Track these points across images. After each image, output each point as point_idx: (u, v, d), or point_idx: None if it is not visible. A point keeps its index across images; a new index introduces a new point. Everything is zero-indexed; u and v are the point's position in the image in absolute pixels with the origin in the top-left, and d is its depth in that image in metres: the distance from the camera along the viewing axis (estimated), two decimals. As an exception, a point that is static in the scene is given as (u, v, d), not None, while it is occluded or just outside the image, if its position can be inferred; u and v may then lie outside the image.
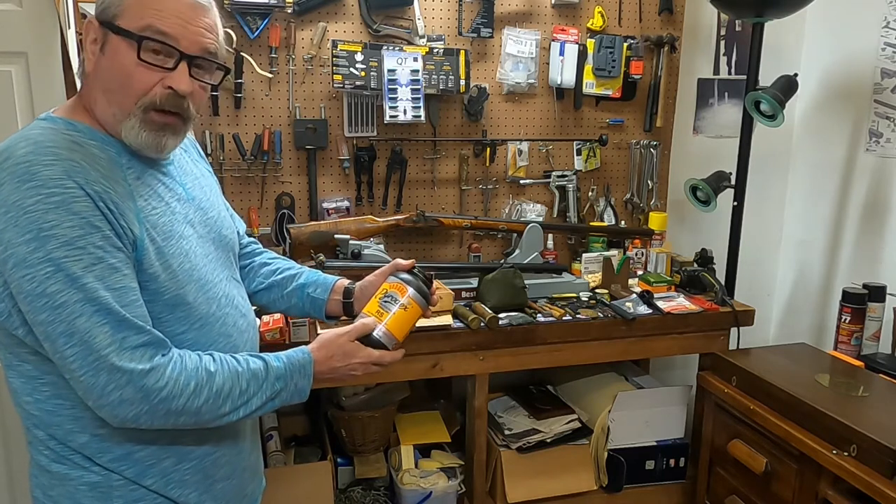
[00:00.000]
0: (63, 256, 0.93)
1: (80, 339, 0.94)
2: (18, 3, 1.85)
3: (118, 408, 0.97)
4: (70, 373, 0.96)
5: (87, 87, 1.06)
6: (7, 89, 1.88)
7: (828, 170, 2.56)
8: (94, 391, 0.96)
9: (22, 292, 0.94)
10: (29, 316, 0.96)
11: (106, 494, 1.06)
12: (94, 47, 1.03)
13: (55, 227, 0.93)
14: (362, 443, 2.19)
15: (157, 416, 1.00)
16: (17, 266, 0.93)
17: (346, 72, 2.14)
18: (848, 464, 1.56)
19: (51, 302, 0.93)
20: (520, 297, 2.07)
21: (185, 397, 1.00)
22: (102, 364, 0.95)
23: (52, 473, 1.07)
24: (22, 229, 0.92)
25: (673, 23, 2.46)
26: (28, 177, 0.93)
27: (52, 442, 1.05)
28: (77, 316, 0.94)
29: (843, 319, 2.13)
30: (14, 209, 0.92)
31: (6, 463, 2.10)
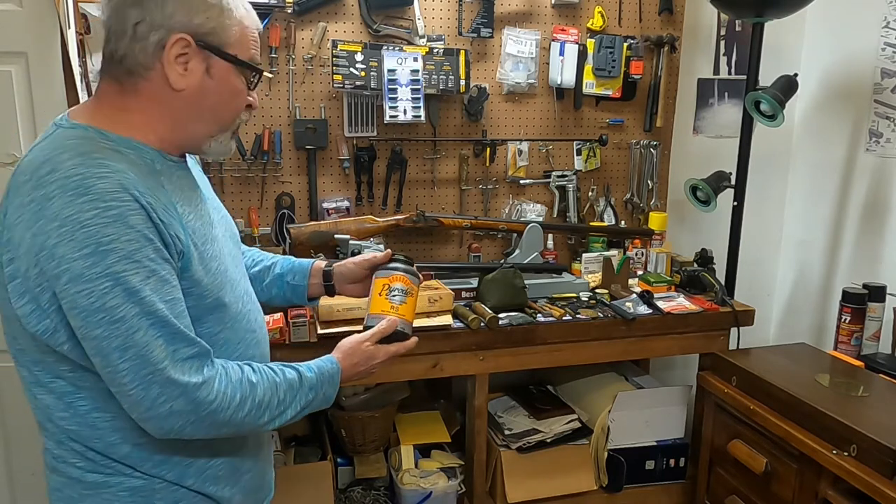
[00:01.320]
0: (122, 270, 0.92)
1: (136, 353, 0.94)
2: (18, 3, 1.85)
3: (166, 420, 0.97)
4: (119, 386, 0.95)
5: (156, 102, 1.03)
6: (7, 89, 1.88)
7: (828, 170, 2.56)
8: (143, 404, 0.96)
9: (76, 307, 0.92)
10: (81, 331, 0.94)
11: (147, 498, 1.06)
12: (193, 66, 1.03)
13: (114, 241, 0.92)
14: (362, 443, 2.19)
15: (202, 428, 1.00)
16: (72, 281, 0.91)
17: (346, 72, 2.14)
18: (848, 464, 1.56)
19: (108, 317, 0.92)
20: (520, 297, 2.07)
21: (231, 409, 1.02)
22: (156, 378, 0.95)
23: (86, 483, 1.05)
24: (79, 244, 0.91)
25: (673, 23, 2.46)
26: (83, 190, 0.91)
27: (92, 453, 1.04)
28: (135, 330, 0.93)
29: (843, 319, 2.13)
30: (69, 223, 0.90)
31: (6, 463, 2.10)
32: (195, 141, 1.09)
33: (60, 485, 1.07)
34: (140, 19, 0.98)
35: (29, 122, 1.90)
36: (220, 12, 1.03)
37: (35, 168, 0.94)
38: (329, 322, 1.82)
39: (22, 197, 0.94)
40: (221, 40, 1.04)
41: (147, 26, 0.99)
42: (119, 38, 1.00)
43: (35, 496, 2.13)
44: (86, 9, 1.99)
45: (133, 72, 1.01)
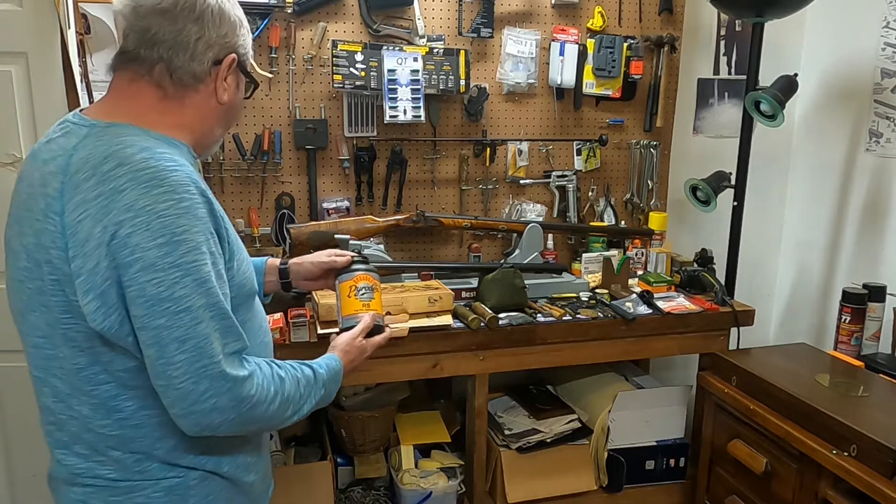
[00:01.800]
0: (192, 261, 0.95)
1: (195, 345, 0.95)
2: (18, 3, 1.85)
3: (207, 415, 0.98)
4: (168, 379, 0.96)
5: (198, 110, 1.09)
6: (7, 89, 1.88)
7: (828, 170, 2.56)
8: (189, 398, 0.96)
9: (143, 296, 0.93)
10: (142, 320, 0.94)
11: (182, 496, 1.07)
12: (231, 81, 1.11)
13: (186, 231, 0.95)
14: (362, 443, 2.19)
15: (238, 424, 1.02)
16: (144, 270, 0.93)
17: (346, 72, 2.14)
18: (848, 464, 1.56)
19: (174, 307, 0.94)
20: (520, 297, 2.07)
21: (266, 404, 1.04)
22: (209, 371, 0.96)
23: (116, 488, 1.05)
24: (154, 233, 0.93)
25: (673, 23, 2.46)
26: (157, 182, 0.94)
27: (130, 458, 1.05)
28: (198, 322, 0.95)
29: (843, 319, 2.13)
30: (144, 213, 0.92)
31: (6, 463, 2.10)
32: (213, 143, 1.16)
33: (84, 495, 1.06)
34: (199, 36, 1.05)
35: (29, 122, 1.90)
36: (247, 34, 1.14)
37: (95, 165, 0.95)
38: (329, 322, 1.82)
39: (84, 193, 0.94)
40: (247, 60, 1.15)
41: (205, 43, 1.06)
42: (176, 49, 1.04)
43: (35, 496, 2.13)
44: (86, 9, 1.99)
45: (183, 83, 1.06)
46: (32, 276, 1.00)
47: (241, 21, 1.12)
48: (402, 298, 1.89)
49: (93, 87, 2.02)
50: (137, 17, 1.04)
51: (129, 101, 1.06)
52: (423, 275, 2.15)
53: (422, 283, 2.07)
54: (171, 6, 1.03)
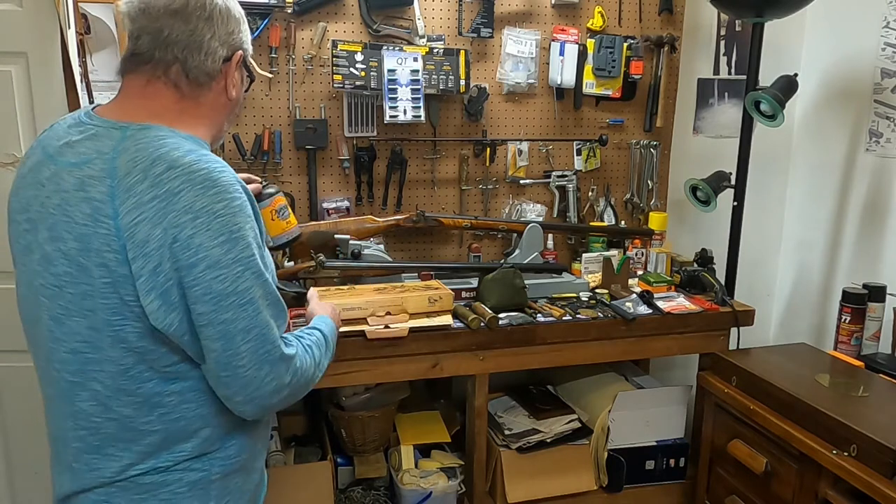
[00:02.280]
0: (249, 256, 1.02)
1: (258, 334, 1.02)
2: (18, 3, 1.85)
3: (268, 398, 1.06)
4: (234, 370, 1.02)
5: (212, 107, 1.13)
6: (7, 89, 1.88)
7: (828, 170, 2.56)
8: (253, 384, 1.04)
9: (210, 293, 0.99)
10: (208, 317, 0.99)
11: (205, 490, 1.12)
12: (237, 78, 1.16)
13: (241, 228, 1.01)
14: (362, 443, 2.19)
15: (290, 397, 1.10)
16: (210, 268, 0.98)
17: (346, 72, 2.14)
18: (848, 464, 1.56)
19: (238, 300, 1.00)
20: (520, 297, 2.07)
21: (307, 371, 1.13)
22: (271, 355, 1.04)
23: (141, 486, 1.08)
24: (215, 233, 0.98)
25: (673, 23, 2.46)
26: (210, 183, 0.99)
27: (167, 453, 1.08)
28: (259, 311, 1.02)
29: (843, 319, 2.14)
30: (203, 214, 0.98)
31: (6, 463, 2.10)
32: (217, 139, 1.19)
33: (107, 496, 1.08)
34: (211, 35, 1.08)
35: (29, 122, 1.90)
36: (247, 29, 1.18)
37: (145, 168, 0.98)
38: (329, 322, 1.82)
39: (139, 196, 0.97)
40: (249, 53, 1.19)
41: (217, 41, 1.09)
42: (190, 49, 1.07)
43: (35, 496, 2.13)
44: (86, 9, 1.99)
45: (198, 82, 1.09)
46: (76, 281, 1.01)
47: (243, 17, 1.16)
48: (402, 298, 1.89)
49: (93, 87, 2.02)
50: (150, 19, 1.06)
51: (147, 102, 1.08)
52: (423, 275, 2.15)
53: (422, 283, 2.07)
54: (182, 6, 1.06)
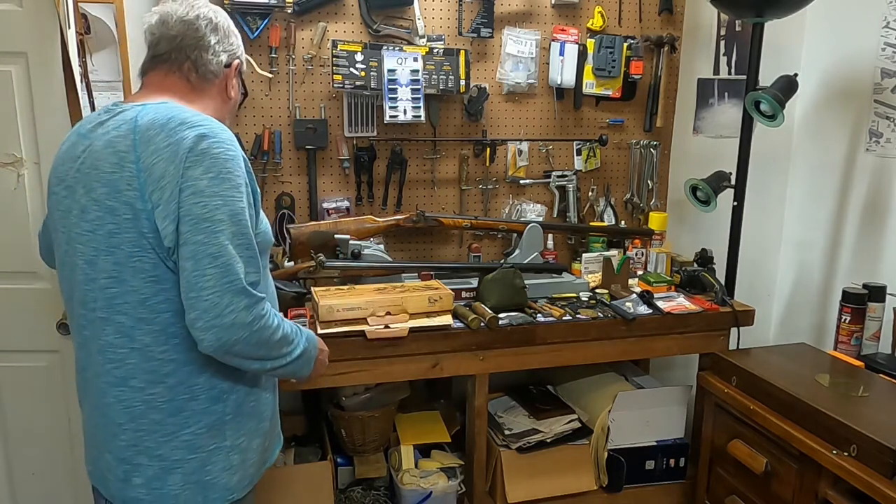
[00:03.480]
0: (231, 196, 1.18)
1: (224, 262, 1.15)
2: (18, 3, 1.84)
3: (227, 331, 1.16)
4: (198, 291, 1.14)
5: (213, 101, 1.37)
6: (7, 89, 1.88)
7: (828, 170, 2.56)
8: (213, 311, 1.15)
9: (189, 215, 1.15)
10: (185, 236, 1.15)
11: (220, 430, 1.28)
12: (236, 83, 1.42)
13: (230, 172, 1.19)
14: (362, 443, 2.19)
15: (250, 344, 1.20)
16: (194, 195, 1.15)
17: (346, 72, 2.14)
18: (848, 464, 1.56)
19: (212, 227, 1.15)
20: (520, 297, 2.07)
21: (271, 330, 1.23)
22: (232, 286, 1.16)
23: (164, 428, 1.24)
24: (206, 169, 1.16)
25: (673, 23, 2.46)
26: (212, 135, 1.19)
27: (183, 387, 1.24)
28: (227, 244, 1.16)
29: (843, 319, 2.14)
30: (200, 155, 1.17)
31: (6, 463, 2.09)
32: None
33: (136, 439, 1.24)
34: (216, 41, 1.34)
35: (29, 122, 1.90)
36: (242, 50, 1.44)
37: (163, 124, 1.19)
38: (329, 322, 1.82)
39: (156, 144, 1.17)
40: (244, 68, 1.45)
41: (221, 47, 1.35)
42: (199, 50, 1.32)
43: (35, 496, 2.13)
44: (86, 9, 1.99)
45: (205, 77, 1.34)
46: (105, 222, 1.19)
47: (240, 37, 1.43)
48: (402, 298, 1.89)
49: (93, 87, 2.02)
50: (167, 28, 1.31)
51: (164, 90, 1.31)
52: (423, 275, 2.15)
53: (422, 283, 2.07)
54: (193, 18, 1.31)
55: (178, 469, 1.25)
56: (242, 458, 1.32)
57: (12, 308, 1.99)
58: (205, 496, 1.27)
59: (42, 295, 1.96)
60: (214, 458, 1.28)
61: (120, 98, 2.03)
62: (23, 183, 1.93)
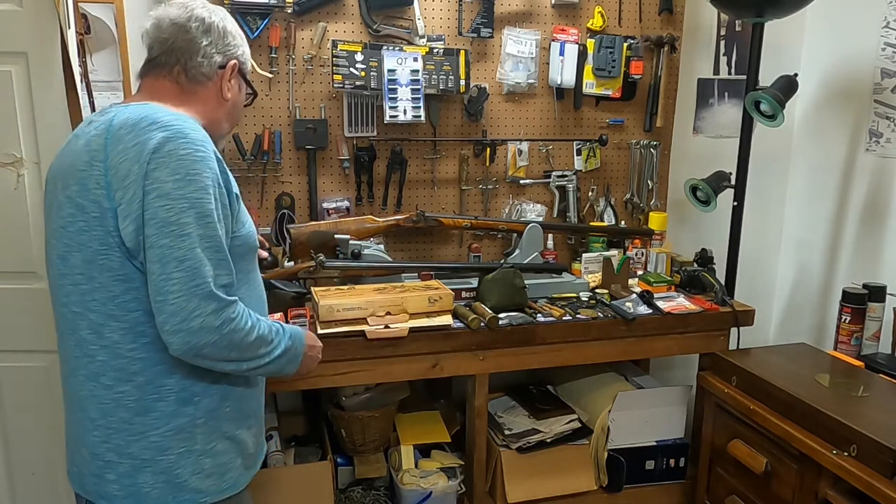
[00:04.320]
0: (199, 198, 1.16)
1: (190, 266, 1.14)
2: (18, 3, 1.85)
3: (194, 335, 1.15)
4: (164, 295, 1.13)
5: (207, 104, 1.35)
6: (7, 89, 1.88)
7: (828, 170, 2.56)
8: (180, 314, 1.13)
9: (155, 218, 1.13)
10: (151, 239, 1.13)
11: (191, 434, 1.25)
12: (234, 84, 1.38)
13: (198, 174, 1.16)
14: (362, 443, 2.19)
15: (220, 348, 1.18)
16: (159, 197, 1.13)
17: (346, 72, 2.14)
18: (848, 464, 1.56)
19: (178, 230, 1.13)
20: (520, 297, 2.07)
21: (244, 332, 1.21)
22: (199, 290, 1.14)
23: (132, 427, 1.23)
24: (172, 171, 1.14)
25: (673, 23, 2.46)
26: (181, 135, 1.17)
27: (152, 386, 1.22)
28: (195, 247, 1.14)
29: (843, 319, 2.14)
30: (167, 156, 1.15)
31: (6, 463, 2.09)
32: (219, 136, 1.38)
33: (106, 436, 1.24)
34: (207, 43, 1.32)
35: (29, 122, 1.90)
36: (247, 47, 1.42)
37: (134, 123, 1.17)
38: (329, 322, 1.82)
39: (124, 143, 1.16)
40: (247, 68, 1.42)
41: (213, 49, 1.33)
42: (189, 53, 1.31)
43: (35, 496, 2.13)
44: (86, 9, 1.99)
45: (196, 80, 1.32)
46: (76, 220, 1.19)
47: (242, 38, 1.40)
48: (402, 298, 1.89)
49: (93, 87, 2.02)
50: (160, 31, 1.31)
51: (154, 94, 1.31)
52: (423, 275, 2.15)
53: (422, 283, 2.07)
54: (184, 21, 1.30)
55: (148, 468, 1.24)
56: (215, 462, 1.29)
57: (12, 308, 1.99)
58: (174, 496, 1.26)
59: (42, 295, 1.95)
60: (183, 462, 1.25)
61: (119, 98, 2.03)
62: (23, 183, 1.93)
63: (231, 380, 1.31)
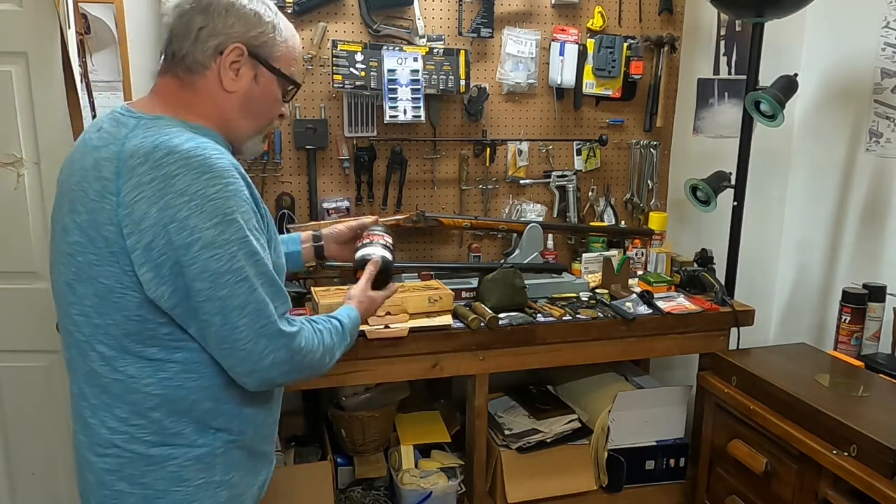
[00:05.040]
0: (244, 237, 1.07)
1: (254, 309, 1.08)
2: (18, 3, 1.85)
3: (268, 370, 1.11)
4: (232, 343, 1.08)
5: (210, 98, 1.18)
6: (7, 89, 1.88)
7: (828, 170, 2.56)
8: (251, 357, 1.09)
9: (207, 271, 1.05)
10: (206, 293, 1.05)
11: (209, 464, 1.18)
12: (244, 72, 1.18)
13: (235, 211, 1.07)
14: (362, 443, 2.19)
15: (293, 373, 1.15)
16: (205, 248, 1.04)
17: (346, 72, 2.14)
18: (848, 464, 1.56)
19: (234, 278, 1.06)
20: (520, 297, 2.07)
21: (314, 353, 1.17)
22: (266, 330, 1.09)
23: (150, 458, 1.15)
24: (209, 215, 1.04)
25: (673, 23, 2.46)
26: (206, 168, 1.05)
27: (170, 419, 1.14)
28: (255, 289, 1.08)
29: (843, 319, 2.14)
30: (198, 198, 1.04)
31: (6, 463, 2.10)
32: (238, 138, 1.23)
33: (118, 465, 1.15)
34: (203, 25, 1.14)
35: (29, 122, 1.90)
36: (272, 29, 1.20)
37: (148, 152, 1.05)
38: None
39: (139, 177, 1.04)
40: (269, 54, 1.20)
41: (208, 32, 1.14)
42: (183, 39, 1.15)
43: (35, 496, 2.13)
44: (86, 9, 1.99)
45: (192, 70, 1.16)
46: (84, 251, 1.09)
47: (261, 17, 1.18)
48: (402, 298, 1.89)
49: (93, 87, 2.02)
50: (166, 20, 1.17)
51: (159, 96, 1.19)
52: (423, 275, 2.15)
53: (422, 283, 2.07)
54: (182, 3, 1.15)
55: (161, 499, 1.16)
56: (231, 493, 1.22)
57: (12, 308, 1.99)
58: None
59: (42, 295, 1.96)
60: (201, 494, 1.18)
61: (119, 98, 2.03)
62: (23, 183, 1.93)
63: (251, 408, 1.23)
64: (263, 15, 1.19)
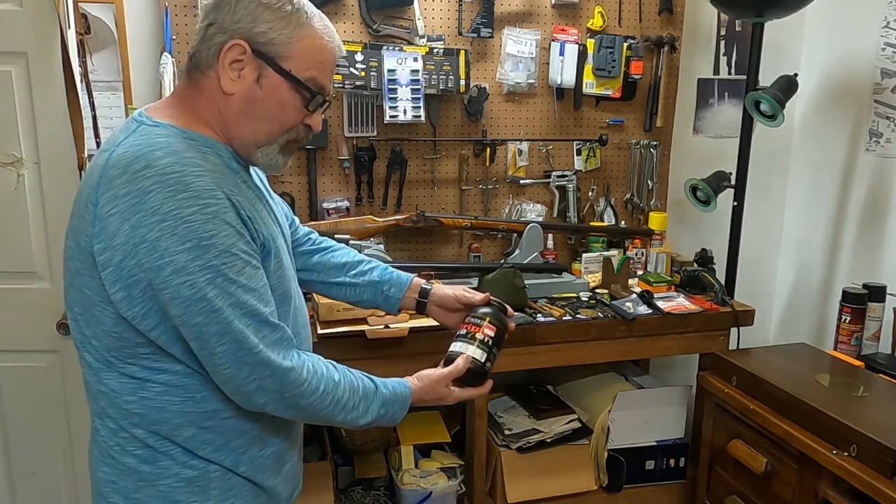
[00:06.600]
0: (221, 264, 0.99)
1: (233, 339, 1.01)
2: (18, 3, 1.84)
3: (253, 395, 1.06)
4: (213, 367, 1.03)
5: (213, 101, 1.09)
6: (7, 89, 1.88)
7: (828, 170, 2.56)
8: (233, 381, 1.04)
9: (178, 297, 0.98)
10: (181, 318, 1.00)
11: (203, 488, 1.11)
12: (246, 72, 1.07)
13: (213, 236, 0.98)
14: (362, 443, 2.19)
15: (283, 408, 1.08)
16: (175, 273, 0.97)
17: (346, 72, 2.14)
18: (848, 464, 1.56)
19: (208, 306, 0.99)
20: (520, 297, 2.07)
21: (313, 398, 1.09)
22: (248, 360, 1.02)
23: (141, 474, 1.10)
24: (182, 238, 0.96)
25: (673, 23, 2.46)
26: (182, 187, 0.97)
27: (153, 439, 1.09)
28: (231, 319, 1.00)
29: (843, 319, 2.13)
30: (171, 218, 0.96)
31: (6, 463, 2.09)
32: (242, 147, 1.12)
33: (115, 476, 1.11)
34: (212, 21, 1.06)
35: (29, 122, 1.90)
36: (286, 25, 1.06)
37: (128, 163, 0.98)
38: (329, 322, 1.82)
39: (115, 189, 0.97)
40: (278, 52, 1.06)
41: (216, 28, 1.05)
42: (197, 37, 1.08)
43: (35, 496, 2.13)
44: (86, 9, 1.99)
45: (200, 69, 1.08)
46: (73, 257, 1.05)
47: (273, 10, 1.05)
48: (402, 298, 1.88)
49: (93, 87, 2.02)
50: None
51: (175, 99, 1.12)
52: (423, 275, 2.14)
53: (422, 283, 2.07)
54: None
55: None
56: None
57: (12, 308, 1.99)
58: None
59: (42, 295, 1.96)
60: None
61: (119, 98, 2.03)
62: (23, 183, 1.93)
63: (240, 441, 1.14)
64: (277, 8, 1.05)
